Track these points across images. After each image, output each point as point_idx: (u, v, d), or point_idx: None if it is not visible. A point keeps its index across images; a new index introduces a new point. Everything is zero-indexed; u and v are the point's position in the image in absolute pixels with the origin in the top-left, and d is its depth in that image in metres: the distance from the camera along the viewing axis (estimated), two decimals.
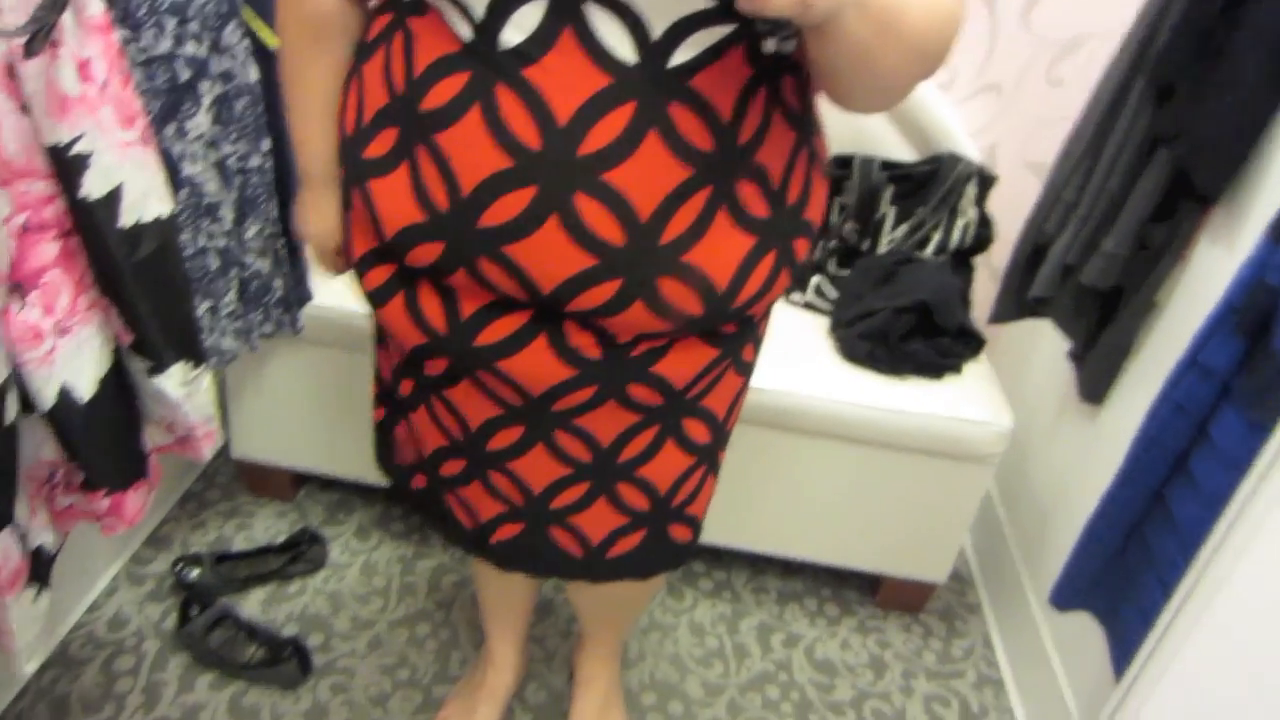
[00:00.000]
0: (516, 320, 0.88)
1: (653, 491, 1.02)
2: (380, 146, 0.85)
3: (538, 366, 0.90)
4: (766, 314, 1.04)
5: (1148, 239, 1.30)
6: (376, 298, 0.95)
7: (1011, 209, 1.63)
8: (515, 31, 0.76)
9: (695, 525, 1.09)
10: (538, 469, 1.00)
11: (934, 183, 1.60)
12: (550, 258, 0.81)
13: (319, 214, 1.02)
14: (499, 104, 0.77)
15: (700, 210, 0.82)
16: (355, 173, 0.88)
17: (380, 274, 0.93)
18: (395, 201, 0.85)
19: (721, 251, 0.85)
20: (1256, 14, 1.13)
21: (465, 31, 0.78)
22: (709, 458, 1.04)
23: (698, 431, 1.01)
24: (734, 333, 0.95)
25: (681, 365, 0.93)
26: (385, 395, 1.11)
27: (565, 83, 0.76)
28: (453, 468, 1.05)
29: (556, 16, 0.75)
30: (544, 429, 0.97)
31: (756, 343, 1.03)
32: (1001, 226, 1.67)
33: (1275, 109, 1.17)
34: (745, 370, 1.02)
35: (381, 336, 1.07)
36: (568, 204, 0.79)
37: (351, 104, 0.89)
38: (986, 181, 1.62)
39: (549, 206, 0.79)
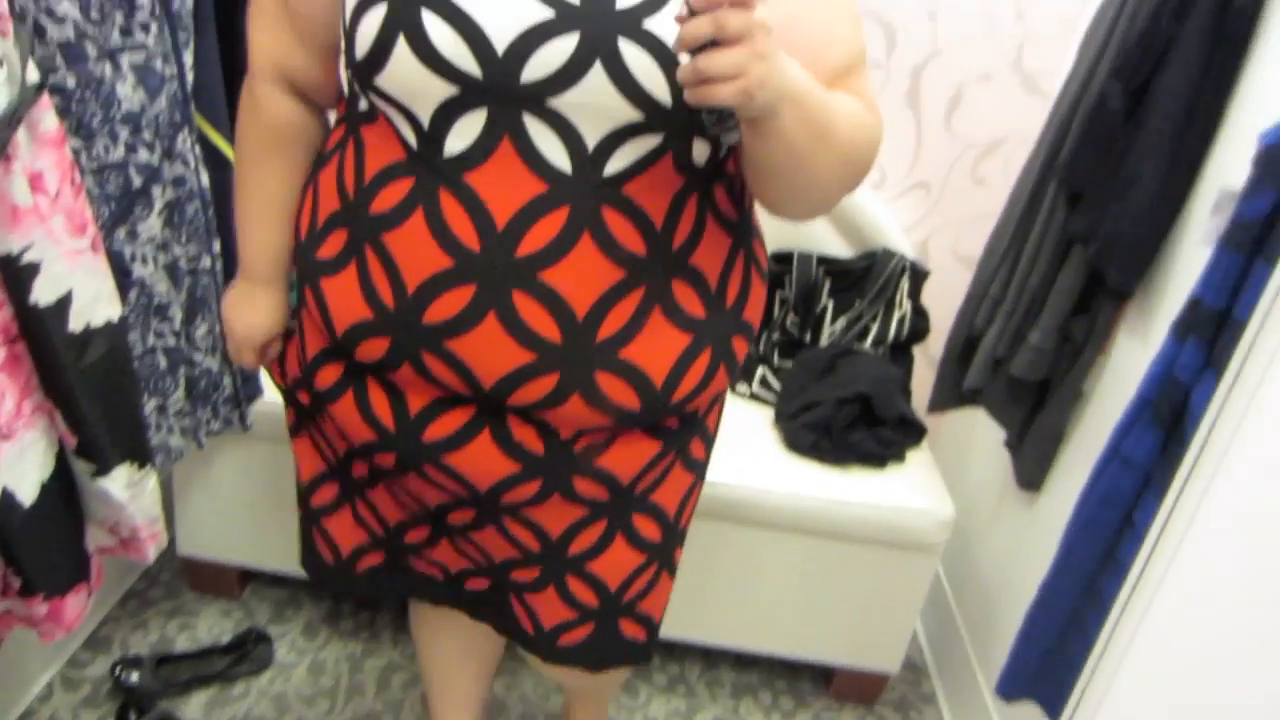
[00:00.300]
0: (461, 416, 0.91)
1: (602, 588, 1.03)
2: (331, 248, 0.89)
3: (483, 461, 0.92)
4: (716, 411, 1.07)
5: (1070, 332, 1.37)
6: (328, 396, 0.97)
7: (946, 300, 1.70)
8: (458, 139, 0.81)
9: (649, 624, 1.09)
10: (494, 545, 1.02)
11: (870, 277, 1.67)
12: (490, 353, 0.85)
13: (253, 308, 1.04)
14: (441, 207, 0.82)
15: (635, 309, 0.86)
16: (307, 273, 0.92)
17: (331, 373, 0.95)
18: (345, 299, 0.88)
19: (657, 349, 0.88)
20: (1153, 122, 1.22)
21: (412, 139, 0.83)
22: (661, 555, 1.05)
23: (648, 529, 1.02)
24: (677, 428, 0.98)
25: (625, 459, 0.96)
26: (321, 485, 1.11)
27: (504, 188, 0.81)
28: (419, 534, 1.06)
29: (496, 126, 0.80)
30: (494, 516, 0.99)
31: (707, 440, 1.06)
32: (937, 317, 1.74)
33: (1177, 210, 1.25)
34: (695, 468, 1.05)
35: (299, 431, 1.08)
36: (506, 302, 0.82)
37: (306, 209, 0.93)
38: (919, 275, 1.70)
39: (488, 304, 0.83)
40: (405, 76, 0.79)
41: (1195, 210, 1.23)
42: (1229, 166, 1.17)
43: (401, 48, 0.78)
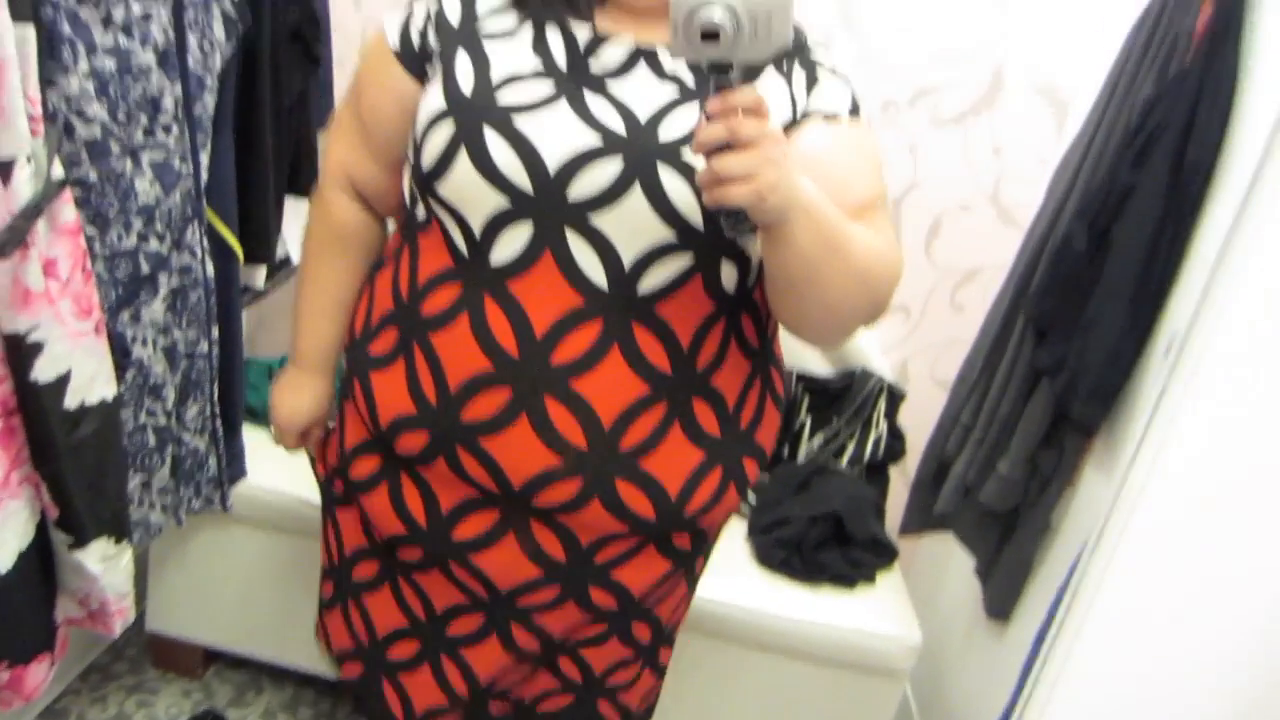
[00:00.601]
0: (489, 517, 0.95)
1: (587, 669, 1.07)
2: (383, 345, 0.95)
3: (508, 563, 0.96)
4: (719, 532, 1.10)
5: (1039, 463, 1.40)
6: (362, 487, 1.01)
7: (923, 422, 1.73)
8: (504, 250, 0.87)
9: (626, 713, 1.12)
10: (488, 659, 1.04)
11: (848, 396, 1.71)
12: (521, 454, 0.89)
13: (298, 394, 1.11)
14: (486, 313, 0.88)
15: (657, 423, 0.91)
16: (358, 366, 0.98)
17: (368, 464, 1.00)
18: (391, 393, 0.93)
19: (674, 462, 0.93)
20: (1115, 265, 1.27)
21: (463, 246, 0.89)
22: (647, 654, 1.10)
23: (642, 633, 1.07)
24: (689, 549, 1.02)
25: (640, 574, 0.99)
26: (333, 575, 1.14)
27: (543, 299, 0.87)
28: (405, 650, 1.07)
29: (540, 240, 0.86)
30: (502, 621, 1.02)
31: (706, 556, 1.11)
32: (914, 438, 1.77)
33: (1140, 349, 1.29)
34: (693, 580, 1.10)
35: (331, 513, 1.11)
36: (538, 406, 0.88)
37: (362, 308, 1.00)
38: (896, 397, 1.74)
39: (521, 407, 0.88)
40: (463, 185, 0.87)
41: (1158, 350, 1.27)
42: (1185, 312, 1.22)
43: (463, 159, 0.86)
